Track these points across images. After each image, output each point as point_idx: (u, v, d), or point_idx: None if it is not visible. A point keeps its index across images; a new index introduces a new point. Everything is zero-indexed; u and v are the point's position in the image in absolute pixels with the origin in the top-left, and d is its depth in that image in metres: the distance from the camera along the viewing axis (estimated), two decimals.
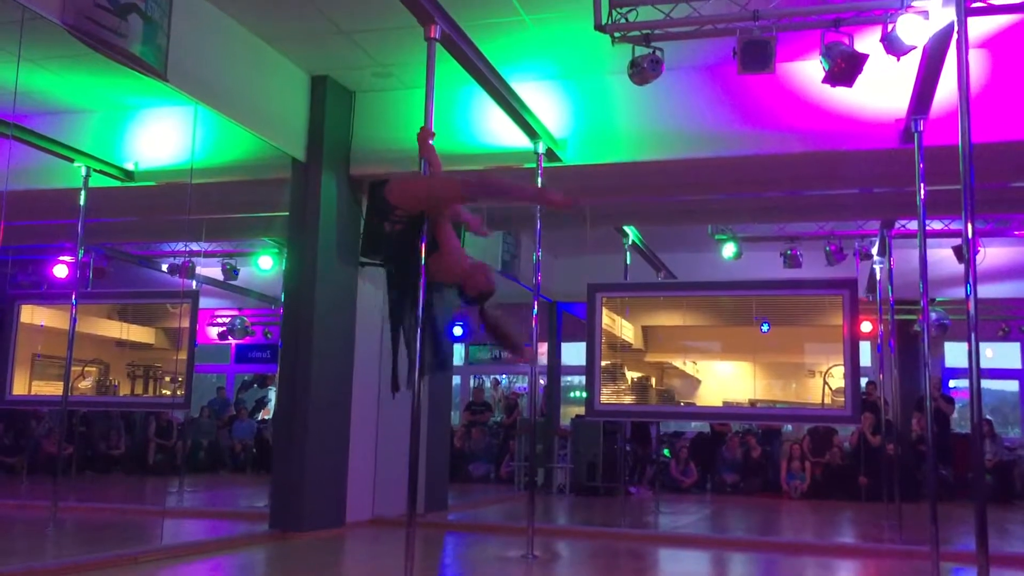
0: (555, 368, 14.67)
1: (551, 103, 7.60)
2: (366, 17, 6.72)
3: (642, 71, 5.96)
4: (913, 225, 8.51)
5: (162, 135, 8.05)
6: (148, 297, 10.16)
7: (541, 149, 7.12)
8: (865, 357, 12.73)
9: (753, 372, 9.45)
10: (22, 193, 7.35)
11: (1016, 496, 12.06)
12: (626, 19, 5.82)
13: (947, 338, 13.28)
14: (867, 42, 5.79)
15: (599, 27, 5.79)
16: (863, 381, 11.64)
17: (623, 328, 9.54)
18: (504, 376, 16.92)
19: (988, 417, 13.01)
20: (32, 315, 9.12)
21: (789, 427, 13.36)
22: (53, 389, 8.57)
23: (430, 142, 4.78)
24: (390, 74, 7.73)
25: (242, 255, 11.48)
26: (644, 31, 5.83)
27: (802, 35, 6.17)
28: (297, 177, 7.79)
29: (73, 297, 7.93)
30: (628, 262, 10.21)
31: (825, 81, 5.77)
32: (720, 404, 9.55)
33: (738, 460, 12.93)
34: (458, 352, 15.91)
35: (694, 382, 9.70)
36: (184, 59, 6.00)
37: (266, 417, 13.62)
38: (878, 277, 10.20)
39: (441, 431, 9.77)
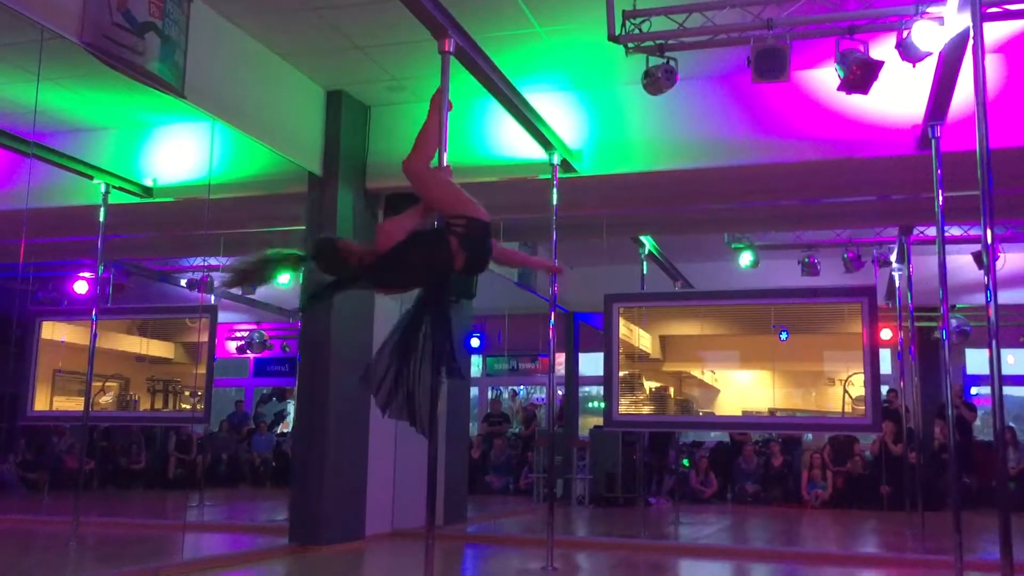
0: (573, 379, 14.63)
1: (565, 114, 7.61)
2: (380, 32, 6.76)
3: (656, 81, 5.96)
4: (932, 231, 8.48)
5: (180, 151, 8.12)
6: (167, 312, 10.23)
7: (556, 160, 7.13)
8: (885, 365, 12.63)
9: (772, 381, 9.40)
10: (42, 211, 7.44)
11: None
12: (640, 30, 5.82)
13: (968, 345, 13.17)
14: (882, 49, 5.77)
15: (613, 38, 5.80)
16: (884, 389, 11.55)
17: (640, 338, 9.52)
18: (522, 387, 16.90)
19: (1011, 424, 12.89)
20: (53, 331, 9.20)
21: (809, 436, 13.27)
22: (74, 405, 8.64)
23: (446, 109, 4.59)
24: (405, 88, 7.77)
25: None
26: (658, 41, 5.83)
27: (817, 43, 6.16)
28: (314, 191, 7.83)
29: (93, 313, 7.98)
30: (645, 272, 10.20)
31: (840, 88, 5.75)
32: (739, 413, 9.50)
33: (758, 470, 12.85)
34: (475, 363, 15.91)
35: (713, 391, 9.66)
36: (201, 76, 6.05)
37: (285, 431, 13.67)
38: (897, 284, 10.13)
39: (459, 443, 9.77)
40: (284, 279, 4.47)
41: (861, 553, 8.38)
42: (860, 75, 5.60)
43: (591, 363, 14.52)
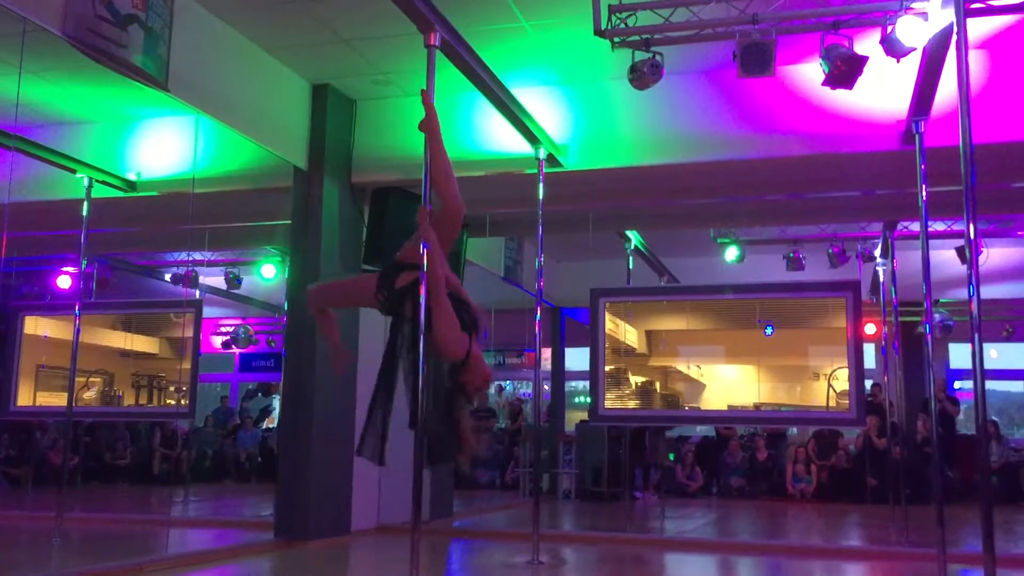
0: (559, 373, 14.65)
1: (552, 109, 7.61)
2: (366, 25, 6.74)
3: (642, 76, 5.97)
4: (915, 226, 8.52)
5: (164, 145, 8.07)
6: (152, 307, 10.18)
7: (542, 155, 7.13)
8: (869, 359, 12.71)
9: (757, 375, 9.44)
10: (25, 204, 7.39)
11: (1022, 497, 12.01)
12: (625, 24, 5.82)
13: (951, 339, 13.25)
14: (867, 44, 5.79)
15: (599, 32, 5.80)
16: (868, 383, 11.61)
17: (626, 333, 9.53)
18: (508, 382, 16.90)
19: (993, 418, 12.98)
20: (36, 326, 9.14)
21: (794, 430, 13.34)
22: (58, 400, 8.59)
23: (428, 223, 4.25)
24: (390, 82, 7.75)
25: (245, 264, 11.50)
26: (644, 36, 5.83)
27: (802, 38, 6.18)
28: (299, 185, 7.80)
29: (77, 308, 7.94)
30: (631, 266, 10.21)
31: (825, 84, 5.77)
32: (725, 408, 9.54)
33: (743, 464, 12.91)
34: None
35: (698, 386, 9.69)
36: (185, 69, 6.02)
37: (271, 426, 13.62)
38: (881, 279, 10.18)
39: None
40: (270, 273, 4.50)
41: (845, 546, 8.42)
42: (845, 70, 5.62)
43: (577, 358, 14.54)
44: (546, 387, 14.07)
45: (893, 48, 5.43)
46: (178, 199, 7.60)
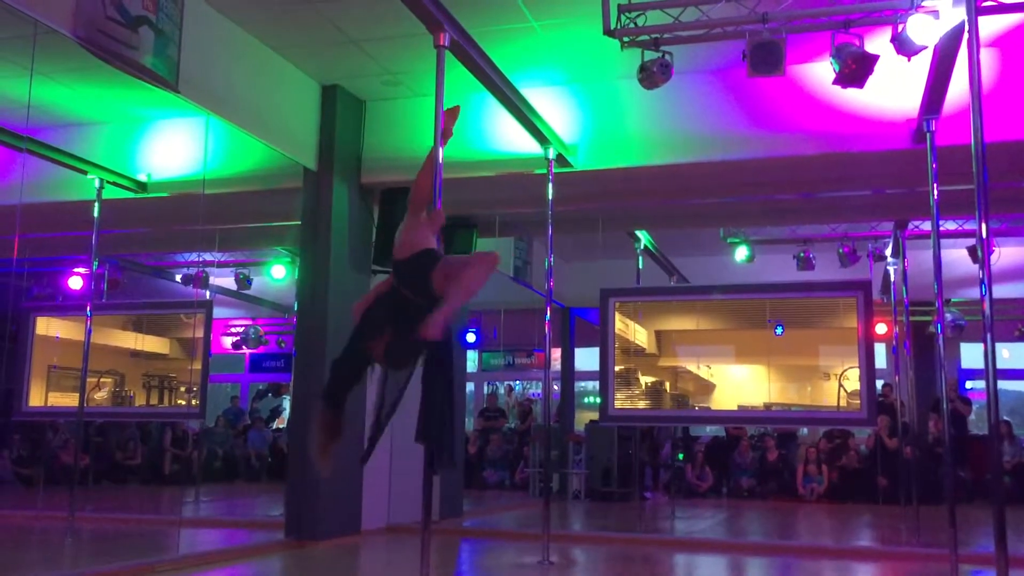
0: (569, 373, 14.64)
1: (561, 108, 7.60)
2: (375, 26, 6.74)
3: (652, 75, 5.95)
4: (927, 226, 8.46)
5: (174, 146, 8.09)
6: (162, 308, 10.21)
7: (552, 155, 7.12)
8: (880, 359, 12.65)
9: (767, 375, 9.41)
10: (36, 206, 7.42)
11: None
12: (635, 23, 5.81)
13: (963, 339, 13.21)
14: (877, 43, 5.76)
15: (608, 32, 5.79)
16: (879, 383, 11.57)
17: (636, 333, 9.51)
18: (518, 382, 16.90)
19: (1006, 418, 12.91)
20: (47, 327, 9.18)
21: (805, 430, 13.30)
22: (69, 400, 8.62)
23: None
24: (400, 82, 7.75)
25: (255, 264, 11.53)
26: (653, 35, 5.82)
27: (812, 37, 6.16)
28: (309, 186, 7.81)
29: (88, 308, 7.98)
30: (640, 266, 10.20)
31: (836, 82, 5.74)
32: (735, 408, 9.51)
33: (754, 464, 12.88)
34: (471, 359, 15.92)
35: (708, 386, 9.66)
36: (195, 70, 6.03)
37: (281, 426, 13.65)
38: (892, 278, 10.15)
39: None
40: (280, 273, 4.44)
41: (856, 546, 8.39)
42: (855, 69, 5.60)
43: (587, 358, 14.54)
44: (556, 387, 14.07)
45: (904, 47, 5.41)
46: (188, 200, 7.62)
